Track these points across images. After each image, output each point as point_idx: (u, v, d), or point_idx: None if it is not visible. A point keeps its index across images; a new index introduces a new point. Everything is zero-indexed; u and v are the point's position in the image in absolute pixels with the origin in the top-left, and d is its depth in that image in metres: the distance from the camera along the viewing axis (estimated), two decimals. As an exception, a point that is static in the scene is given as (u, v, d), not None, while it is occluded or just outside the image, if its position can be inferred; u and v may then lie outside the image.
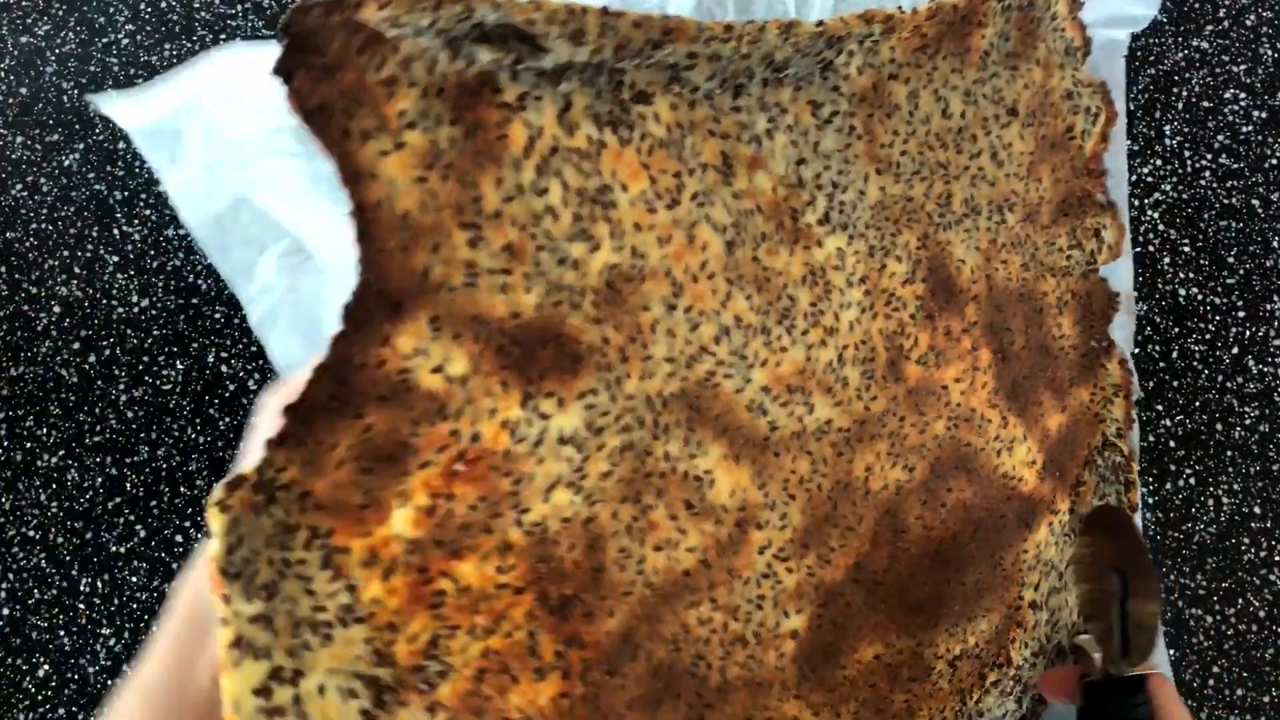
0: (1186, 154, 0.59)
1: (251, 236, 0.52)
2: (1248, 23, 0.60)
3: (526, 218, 0.37)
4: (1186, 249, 0.58)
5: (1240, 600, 0.55)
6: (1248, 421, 0.56)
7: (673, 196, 0.40)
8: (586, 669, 0.39)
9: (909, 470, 0.47)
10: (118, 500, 0.56)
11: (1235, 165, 0.58)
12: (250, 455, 0.35)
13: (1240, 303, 0.57)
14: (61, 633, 0.55)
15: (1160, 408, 0.57)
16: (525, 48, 0.35)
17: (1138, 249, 0.58)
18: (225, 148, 0.48)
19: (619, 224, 0.38)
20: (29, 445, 0.57)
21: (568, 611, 0.38)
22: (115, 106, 0.47)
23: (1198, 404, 0.57)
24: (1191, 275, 0.58)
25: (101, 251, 0.58)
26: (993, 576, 0.48)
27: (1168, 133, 0.59)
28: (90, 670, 0.55)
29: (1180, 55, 0.59)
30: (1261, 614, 0.55)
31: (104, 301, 0.58)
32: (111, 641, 0.55)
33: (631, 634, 0.40)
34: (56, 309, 0.58)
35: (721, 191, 0.41)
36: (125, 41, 0.60)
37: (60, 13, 0.60)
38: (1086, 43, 0.50)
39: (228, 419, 0.56)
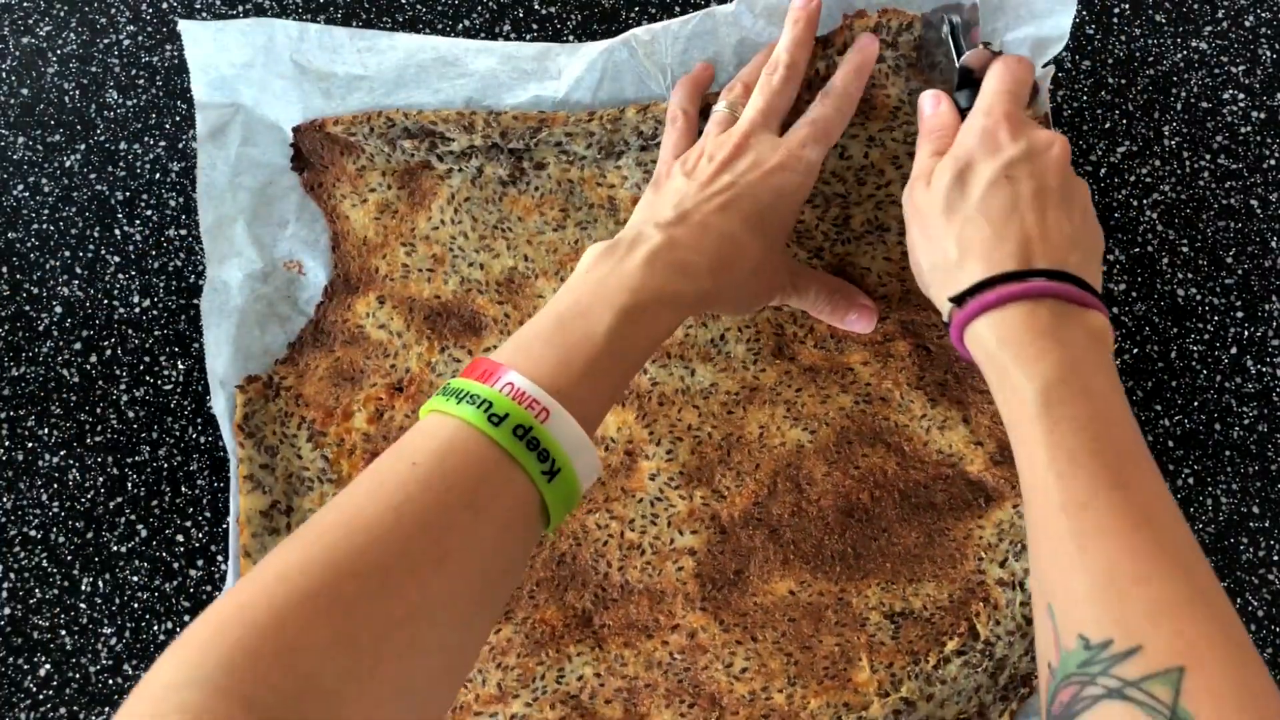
0: (1185, 155, 0.59)
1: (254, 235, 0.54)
2: (1246, 23, 0.60)
3: (446, 239, 0.56)
4: (1185, 249, 0.58)
5: (1239, 600, 0.55)
6: (1246, 421, 0.57)
7: (559, 223, 0.55)
8: None
9: (810, 433, 0.54)
10: (119, 500, 0.56)
11: (1234, 166, 0.58)
12: None
13: (1239, 303, 0.57)
14: (63, 632, 0.55)
15: (1159, 408, 0.57)
16: (434, 138, 0.55)
17: (1136, 249, 0.58)
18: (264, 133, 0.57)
19: (515, 241, 0.56)
20: (30, 445, 0.57)
21: None
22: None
23: (1196, 404, 0.57)
24: (1190, 276, 0.58)
25: (103, 252, 0.58)
26: (931, 546, 0.53)
27: (1166, 133, 0.59)
28: (91, 670, 0.55)
29: (1179, 56, 0.60)
30: (1260, 614, 0.55)
31: (105, 301, 0.58)
32: (113, 641, 0.55)
33: None
34: (58, 309, 0.58)
35: (606, 220, 0.55)
36: (126, 42, 0.60)
37: (61, 13, 0.60)
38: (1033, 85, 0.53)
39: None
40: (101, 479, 0.57)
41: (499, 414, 0.36)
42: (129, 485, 0.57)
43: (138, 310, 0.58)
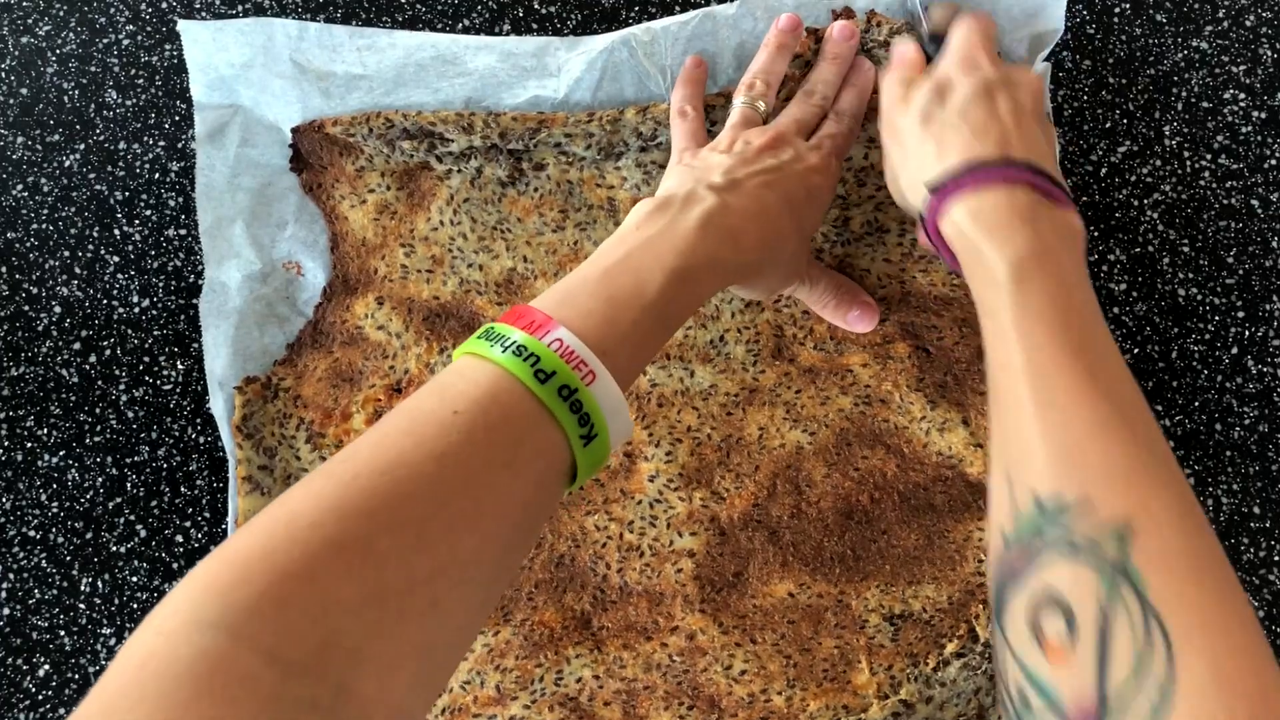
0: (1186, 154, 0.59)
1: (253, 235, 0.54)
2: (1247, 23, 0.60)
3: (445, 239, 0.56)
4: (1186, 249, 0.58)
5: (1239, 600, 0.55)
6: (1247, 422, 0.56)
7: (559, 224, 0.55)
8: None
9: (810, 434, 0.54)
10: (118, 500, 0.56)
11: (1235, 166, 0.58)
12: None
13: (1240, 303, 0.57)
14: (62, 632, 0.55)
15: (1159, 408, 0.57)
16: (433, 139, 0.55)
17: (1136, 249, 0.58)
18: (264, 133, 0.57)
19: (514, 242, 0.55)
20: (29, 445, 0.57)
21: None
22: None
23: (1197, 404, 0.57)
24: (1191, 275, 0.58)
25: (102, 252, 0.58)
26: (931, 548, 0.53)
27: (1167, 133, 0.59)
28: (90, 670, 0.55)
29: (1180, 55, 0.59)
30: (1261, 614, 0.55)
31: (104, 301, 0.58)
32: (112, 641, 0.55)
33: None
34: (57, 309, 0.58)
35: (605, 221, 0.55)
36: (126, 42, 0.60)
37: (61, 13, 0.60)
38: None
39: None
40: (101, 479, 0.57)
41: (546, 370, 0.34)
42: (128, 485, 0.56)
43: (137, 310, 0.58)
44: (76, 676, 0.55)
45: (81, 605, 0.55)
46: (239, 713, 0.25)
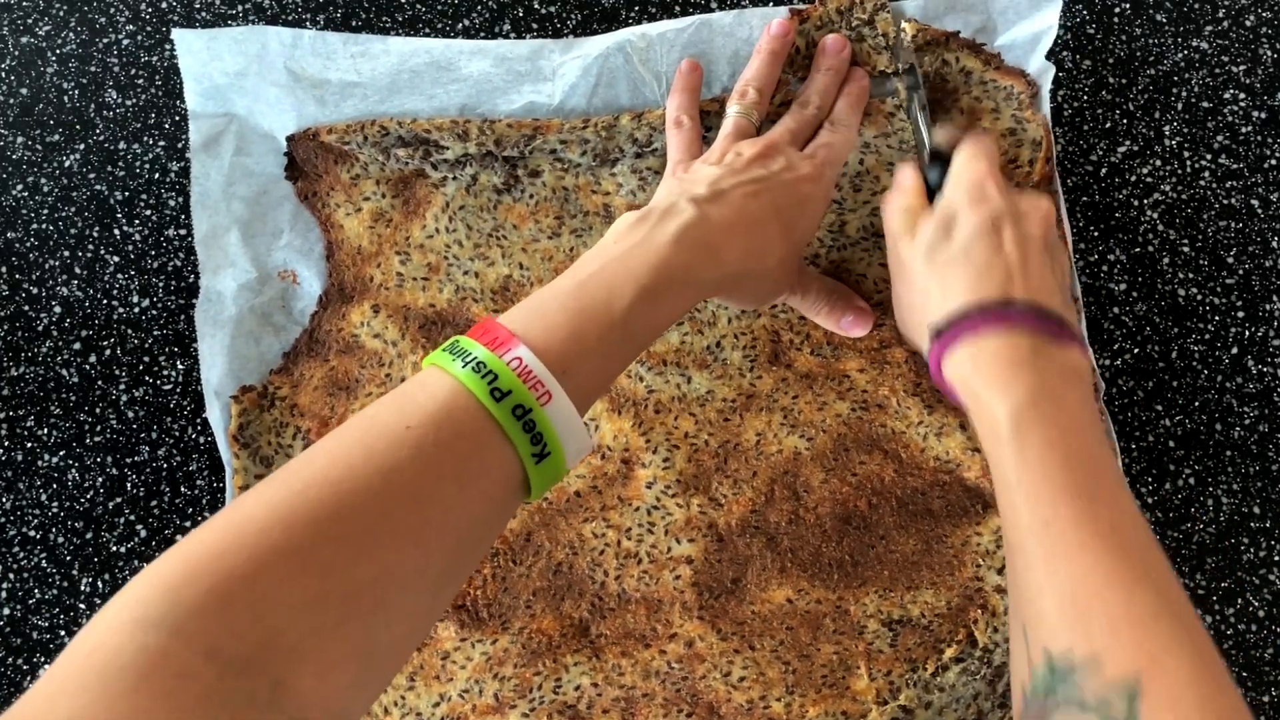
0: (1186, 154, 0.59)
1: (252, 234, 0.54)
2: (1247, 23, 0.60)
3: (441, 247, 0.56)
4: (1186, 249, 0.58)
5: (1240, 600, 0.55)
6: (1247, 421, 0.56)
7: (554, 231, 0.55)
8: (494, 555, 0.53)
9: (807, 440, 0.54)
10: (118, 500, 0.56)
11: (1235, 166, 0.58)
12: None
13: (1240, 303, 0.57)
14: (62, 632, 0.55)
15: (1160, 408, 0.57)
16: (428, 147, 0.55)
17: (1136, 249, 0.58)
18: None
19: (509, 249, 0.55)
20: (29, 445, 0.57)
21: None
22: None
23: (1197, 404, 0.57)
24: (1191, 275, 0.58)
25: (102, 252, 0.58)
26: (929, 553, 0.53)
27: (1167, 133, 0.59)
28: (91, 670, 0.55)
29: (1180, 55, 0.59)
30: (1261, 614, 0.55)
31: (104, 301, 0.58)
32: (112, 641, 0.55)
33: (533, 535, 0.53)
34: (57, 309, 0.58)
35: (600, 228, 0.55)
36: (125, 41, 0.60)
37: (61, 13, 0.60)
38: (1030, 86, 0.55)
39: (228, 419, 0.56)
40: (101, 479, 0.57)
41: (502, 389, 0.35)
42: (128, 485, 0.56)
43: (137, 310, 0.58)
44: (76, 676, 0.55)
45: (81, 605, 0.55)
46: (175, 705, 0.27)
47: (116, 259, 0.58)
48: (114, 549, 0.56)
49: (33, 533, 0.56)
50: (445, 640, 0.53)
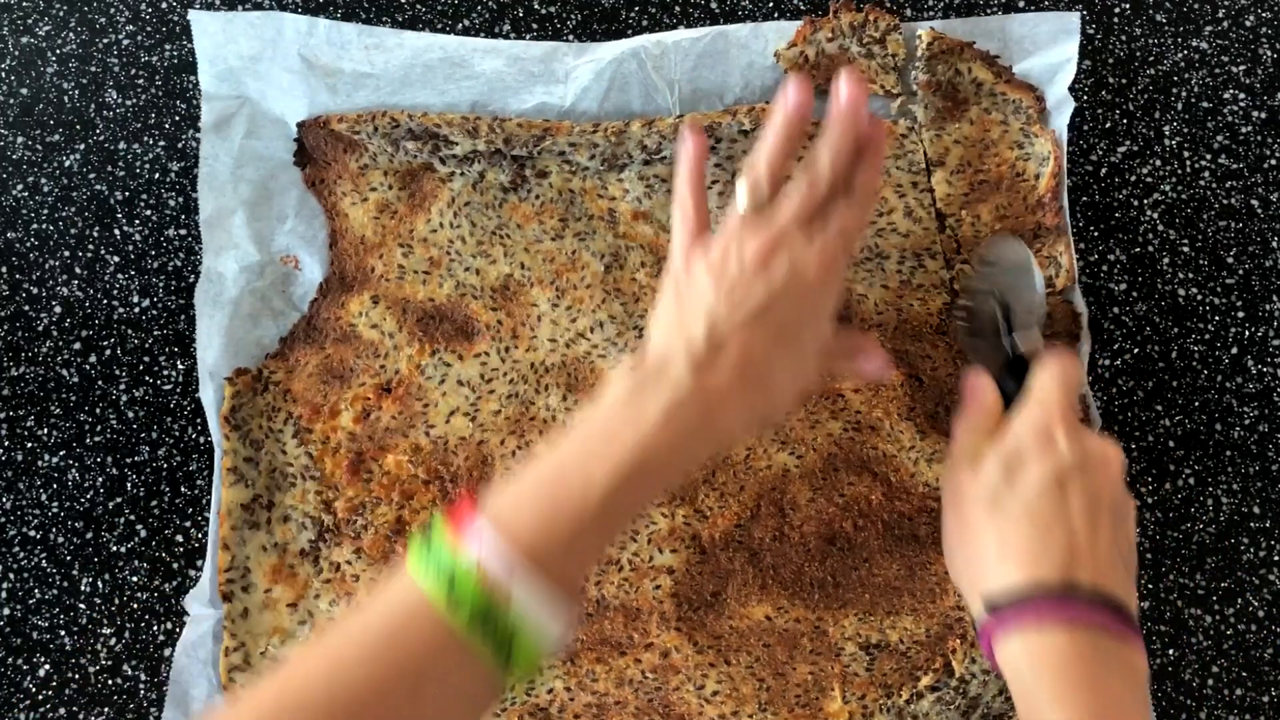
0: (1186, 154, 0.59)
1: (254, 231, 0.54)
2: (1247, 23, 0.60)
3: (444, 242, 0.56)
4: (1186, 249, 0.58)
5: (1239, 600, 0.55)
6: (1247, 421, 0.56)
7: (558, 232, 0.55)
8: None
9: (797, 457, 0.54)
10: (118, 500, 0.56)
11: (1234, 166, 0.58)
12: None
13: (1239, 303, 0.57)
14: (62, 632, 0.55)
15: (1159, 408, 0.57)
16: (437, 141, 0.55)
17: (1136, 249, 0.58)
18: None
19: (512, 248, 0.56)
20: (30, 445, 0.57)
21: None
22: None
23: (1197, 404, 0.57)
24: (1191, 275, 0.58)
25: (102, 252, 0.58)
26: (912, 580, 0.52)
27: (1167, 133, 0.59)
28: (91, 670, 0.55)
29: (1180, 56, 0.59)
30: (1260, 614, 0.55)
31: (105, 301, 0.58)
32: (112, 641, 0.55)
33: None
34: (57, 309, 0.58)
35: (604, 232, 0.55)
36: (125, 42, 0.60)
37: (61, 13, 0.60)
38: (1039, 101, 0.55)
39: (228, 419, 0.56)
40: (101, 479, 0.57)
41: (460, 597, 0.35)
42: (129, 485, 0.56)
43: (137, 310, 0.58)
44: (76, 676, 0.55)
45: (81, 605, 0.55)
46: None
47: (117, 259, 0.58)
48: (114, 549, 0.56)
49: (33, 533, 0.56)
50: None
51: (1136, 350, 0.57)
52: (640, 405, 0.40)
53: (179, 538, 0.56)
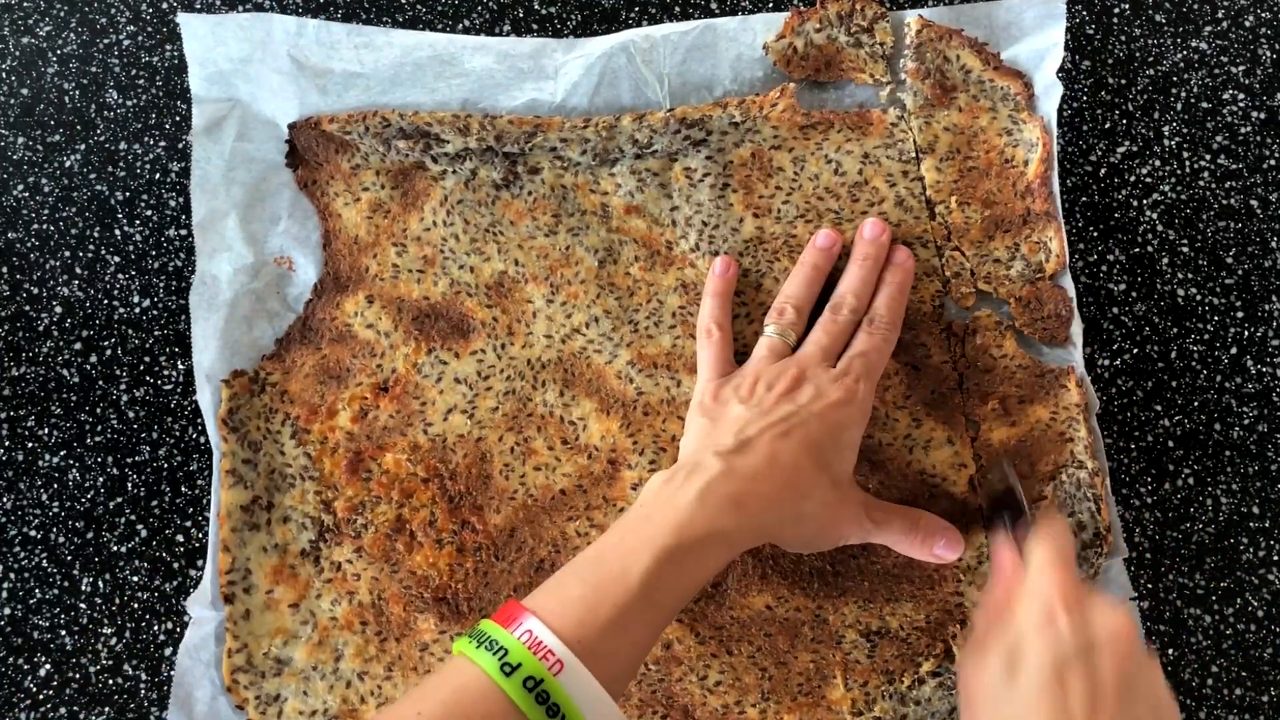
0: (1185, 155, 0.59)
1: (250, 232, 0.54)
2: (1246, 24, 0.60)
3: (437, 240, 0.56)
4: (1185, 249, 0.58)
5: (1239, 600, 0.55)
6: (1246, 422, 0.57)
7: (551, 228, 0.56)
8: (477, 549, 0.53)
9: None
10: (119, 500, 0.56)
11: (1234, 166, 0.59)
12: None
13: (1239, 303, 0.57)
14: (63, 632, 0.55)
15: (1159, 408, 0.57)
16: (429, 139, 0.55)
17: (1136, 249, 0.58)
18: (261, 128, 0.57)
19: (506, 245, 0.56)
20: (30, 445, 0.57)
21: (461, 501, 0.54)
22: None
23: (1196, 404, 0.57)
24: (1190, 276, 0.58)
25: (103, 252, 0.58)
26: (911, 567, 0.53)
27: (1166, 133, 0.59)
28: (91, 670, 0.55)
29: (1179, 56, 0.60)
30: (1260, 613, 0.55)
31: (105, 302, 0.58)
32: (113, 641, 0.55)
33: (516, 530, 0.53)
34: (58, 309, 0.58)
35: (598, 227, 0.56)
36: (126, 42, 0.60)
37: (61, 13, 0.60)
38: (1027, 88, 0.55)
39: (228, 419, 0.56)
40: (101, 479, 0.57)
41: (512, 664, 0.36)
42: (129, 485, 0.57)
43: (138, 310, 0.58)
44: (77, 676, 0.55)
45: (82, 605, 0.55)
46: None
47: (117, 259, 0.58)
48: (114, 549, 0.56)
49: (33, 532, 0.56)
50: (424, 632, 0.52)
51: (1136, 350, 0.57)
52: (673, 491, 0.42)
53: (180, 537, 0.56)
